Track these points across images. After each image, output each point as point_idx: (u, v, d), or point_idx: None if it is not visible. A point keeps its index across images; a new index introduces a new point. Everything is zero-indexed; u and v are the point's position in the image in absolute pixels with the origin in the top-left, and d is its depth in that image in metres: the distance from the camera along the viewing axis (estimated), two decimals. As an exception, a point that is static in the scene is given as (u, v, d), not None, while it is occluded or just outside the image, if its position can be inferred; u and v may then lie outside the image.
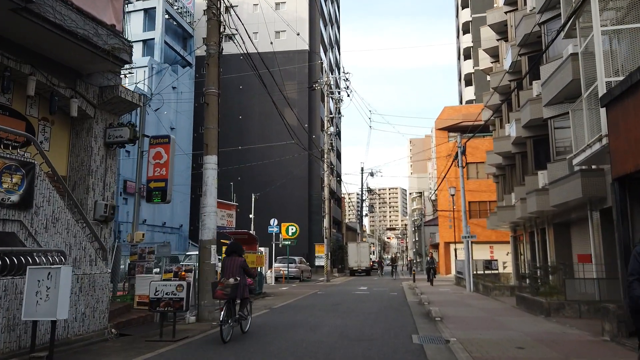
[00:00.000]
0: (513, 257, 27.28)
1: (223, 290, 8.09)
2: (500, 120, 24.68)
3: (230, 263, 8.41)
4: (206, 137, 10.90)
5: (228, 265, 8.39)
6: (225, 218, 19.72)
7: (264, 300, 16.55)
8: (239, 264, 8.42)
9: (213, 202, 10.67)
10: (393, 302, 15.29)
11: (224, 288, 8.10)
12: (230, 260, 8.47)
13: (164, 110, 37.12)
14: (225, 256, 8.80)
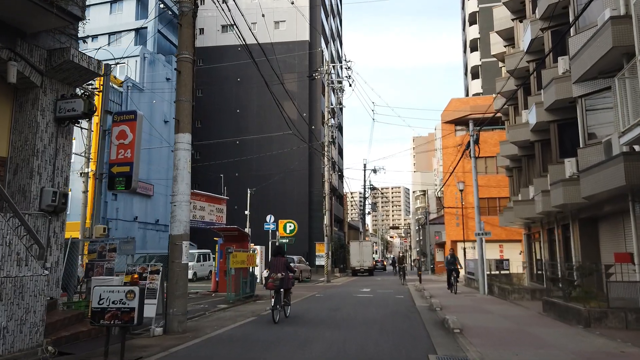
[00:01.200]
0: (527, 257, 25.41)
1: (273, 283, 10.51)
2: (514, 108, 22.77)
3: (277, 262, 10.94)
4: (178, 112, 9.07)
5: (275, 264, 10.91)
6: (214, 213, 17.97)
7: (253, 304, 14.72)
8: (283, 262, 10.93)
9: (185, 190, 8.83)
10: (400, 308, 13.44)
11: (274, 281, 10.52)
12: (276, 259, 11.04)
13: (152, 99, 35.24)
14: (272, 257, 11.42)
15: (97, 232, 9.73)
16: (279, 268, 10.81)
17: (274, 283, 10.54)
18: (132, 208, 33.59)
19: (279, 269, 10.79)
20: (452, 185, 35.33)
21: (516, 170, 22.57)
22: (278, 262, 10.95)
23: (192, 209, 16.63)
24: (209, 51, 46.69)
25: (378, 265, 56.93)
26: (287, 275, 10.80)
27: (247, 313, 12.06)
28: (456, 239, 37.63)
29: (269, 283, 10.60)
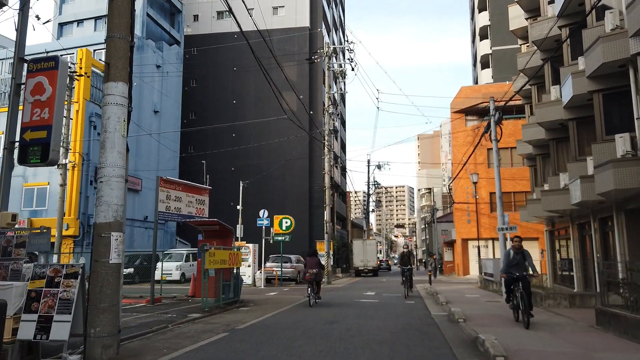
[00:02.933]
0: (549, 256, 22.78)
1: (310, 276, 13.93)
2: (537, 89, 20.14)
3: (312, 260, 14.34)
4: (109, 52, 6.50)
5: (310, 262, 14.33)
6: (194, 205, 15.44)
7: (234, 313, 12.14)
8: (317, 261, 14.34)
9: (117, 161, 6.29)
10: (413, 319, 10.84)
11: (311, 275, 13.92)
12: (311, 259, 14.47)
13: (140, 87, 32.69)
14: (308, 257, 14.82)
15: (4, 220, 7.11)
16: (313, 265, 14.20)
17: (310, 276, 14.00)
18: (117, 203, 31.11)
19: (313, 266, 14.16)
20: (464, 178, 32.69)
21: (540, 158, 19.92)
22: (313, 260, 14.43)
23: (165, 199, 14.13)
24: (203, 39, 44.17)
25: (383, 265, 54.33)
26: (319, 271, 14.27)
27: (219, 327, 9.49)
28: (467, 237, 34.99)
29: (306, 276, 14.18)
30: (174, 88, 38.50)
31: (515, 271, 9.95)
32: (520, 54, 20.36)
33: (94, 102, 29.20)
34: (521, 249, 10.17)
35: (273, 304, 14.34)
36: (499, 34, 46.56)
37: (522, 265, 10.03)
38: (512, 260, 10.10)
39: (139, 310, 12.20)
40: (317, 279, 14.20)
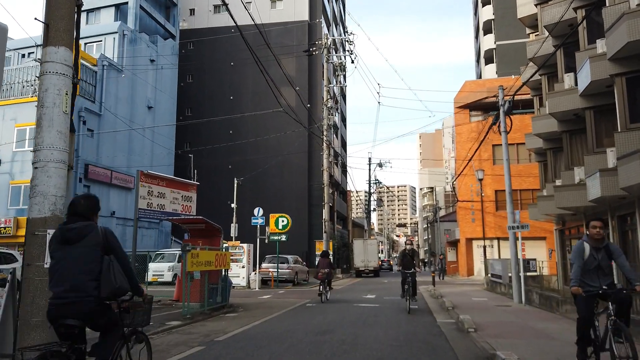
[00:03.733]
0: (559, 256, 21.60)
1: (322, 275, 15.62)
2: (548, 79, 18.96)
3: (323, 261, 16.15)
4: (48, 11, 5.34)
5: (322, 263, 16.10)
6: (179, 202, 14.30)
7: (219, 320, 10.99)
8: (328, 262, 16.21)
9: (56, 142, 5.15)
10: (417, 327, 9.67)
11: (323, 274, 15.62)
12: (323, 259, 16.29)
13: (133, 81, 31.45)
14: (320, 257, 16.85)
15: None
16: (325, 265, 15.83)
17: (322, 275, 15.60)
18: (108, 202, 29.97)
19: (325, 266, 15.78)
20: (469, 175, 31.51)
21: (552, 152, 18.73)
22: (324, 261, 16.12)
23: (146, 195, 12.99)
24: (199, 33, 43.03)
25: (384, 266, 53.22)
26: (330, 270, 16.04)
27: (197, 338, 8.34)
28: (471, 237, 33.82)
29: (318, 275, 15.80)
30: (168, 83, 37.37)
31: (598, 281, 5.37)
32: (530, 41, 19.19)
33: (83, 97, 28.06)
34: (605, 242, 5.53)
35: (264, 309, 13.19)
36: (504, 27, 45.41)
37: (608, 270, 5.53)
38: (589, 261, 5.43)
39: (114, 317, 11.04)
40: (328, 278, 15.86)
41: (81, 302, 3.62)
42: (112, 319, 3.92)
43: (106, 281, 3.71)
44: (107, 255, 3.80)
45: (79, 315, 3.63)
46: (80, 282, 3.64)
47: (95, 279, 3.69)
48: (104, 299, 3.74)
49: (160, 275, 24.29)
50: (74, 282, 3.63)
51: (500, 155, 33.29)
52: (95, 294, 3.67)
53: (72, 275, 3.65)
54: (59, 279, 3.67)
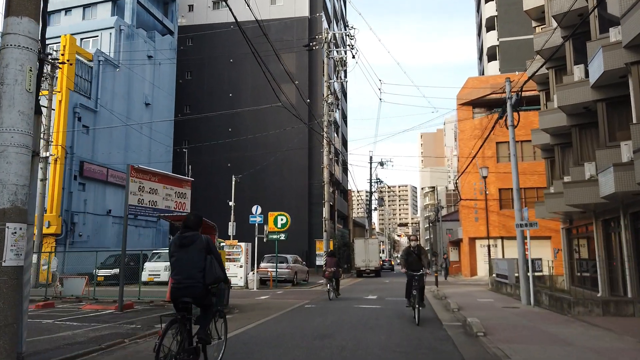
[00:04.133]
0: (566, 256, 20.98)
1: (329, 274, 16.09)
2: (556, 72, 18.34)
3: (331, 260, 16.60)
4: (11, -22, 4.73)
5: (329, 262, 16.61)
6: (172, 198, 13.71)
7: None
8: (335, 261, 16.50)
9: (18, 124, 4.55)
10: (422, 331, 9.06)
11: (330, 273, 16.08)
12: (330, 259, 16.78)
13: (130, 77, 30.77)
14: (327, 257, 17.78)
15: None
16: (332, 264, 16.25)
17: (329, 274, 16.07)
18: (104, 200, 29.40)
19: (332, 265, 16.23)
20: (472, 173, 30.88)
21: (559, 148, 18.11)
22: (332, 260, 16.55)
23: (137, 190, 12.39)
24: (198, 30, 42.46)
25: (385, 266, 52.60)
26: (337, 269, 16.44)
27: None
28: (475, 236, 33.19)
29: (325, 274, 16.40)
30: (166, 80, 36.80)
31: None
32: (537, 34, 18.55)
33: (78, 92, 27.51)
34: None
35: (261, 310, 12.59)
36: (507, 24, 44.79)
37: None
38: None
39: (101, 319, 10.46)
40: (335, 276, 16.35)
41: (193, 287, 5.21)
42: (210, 300, 5.50)
43: (209, 272, 5.28)
44: (208, 255, 5.36)
45: (192, 296, 5.24)
46: (192, 273, 5.22)
47: (201, 271, 5.24)
48: (207, 285, 5.30)
49: (157, 275, 23.72)
50: (188, 273, 5.23)
51: (504, 153, 32.78)
52: (202, 281, 5.24)
53: (187, 268, 5.25)
54: (179, 271, 5.28)
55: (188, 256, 5.32)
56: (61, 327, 9.29)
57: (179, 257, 5.37)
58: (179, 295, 5.28)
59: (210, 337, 5.76)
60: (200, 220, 5.74)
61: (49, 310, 12.29)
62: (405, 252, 10.92)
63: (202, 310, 5.53)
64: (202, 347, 5.51)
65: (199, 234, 5.48)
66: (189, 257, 5.32)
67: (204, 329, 5.48)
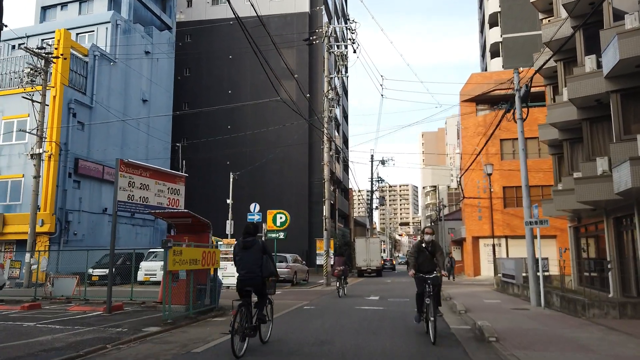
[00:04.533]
0: (574, 255, 20.35)
1: (338, 272, 17.06)
2: (564, 64, 17.69)
3: (339, 259, 17.59)
4: None
5: (337, 261, 17.64)
6: (165, 194, 13.11)
7: (204, 326, 9.77)
8: (343, 260, 17.54)
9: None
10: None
11: (339, 272, 17.04)
12: (338, 258, 17.81)
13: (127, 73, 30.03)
14: (335, 256, 18.92)
15: None
16: (341, 263, 17.20)
17: (338, 272, 17.02)
18: (100, 198, 28.77)
19: (341, 264, 17.14)
20: (475, 171, 30.22)
21: (568, 143, 17.46)
22: (340, 259, 17.51)
23: (127, 186, 11.78)
24: (197, 26, 41.81)
25: (387, 265, 51.95)
26: (345, 268, 17.33)
27: (172, 349, 7.11)
28: (478, 235, 32.53)
29: (335, 272, 17.42)
30: (164, 76, 36.16)
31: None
32: (545, 24, 17.89)
33: (73, 88, 26.88)
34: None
35: (257, 312, 11.95)
36: (510, 20, 44.13)
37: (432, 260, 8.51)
38: None
39: (86, 322, 9.84)
40: (344, 274, 17.26)
41: (254, 279, 6.82)
42: (265, 289, 7.02)
43: (265, 268, 6.90)
44: (264, 255, 6.98)
45: (252, 285, 6.86)
46: (253, 269, 6.83)
47: (259, 267, 6.86)
48: (264, 277, 6.88)
49: (153, 275, 23.13)
50: (250, 269, 6.84)
51: (508, 150, 32.15)
52: (260, 274, 6.84)
53: (248, 265, 6.86)
54: (242, 267, 6.89)
55: (249, 256, 6.96)
56: (42, 331, 8.68)
57: (242, 257, 6.99)
58: (243, 286, 6.94)
59: (266, 318, 7.32)
60: (257, 228, 7.41)
61: (34, 312, 11.68)
62: (415, 248, 8.53)
63: (259, 297, 7.09)
64: (258, 325, 6.99)
65: (256, 239, 7.12)
66: (250, 256, 6.96)
67: (261, 311, 7.08)
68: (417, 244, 8.64)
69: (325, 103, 25.97)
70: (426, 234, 8.63)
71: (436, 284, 8.06)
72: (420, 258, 8.40)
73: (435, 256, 8.38)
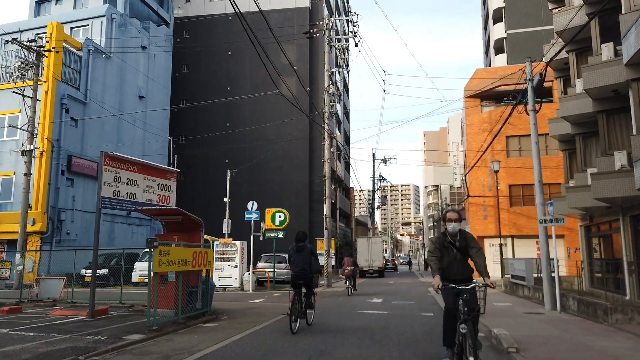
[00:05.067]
0: (585, 255, 19.52)
1: (349, 272, 18.42)
2: (576, 56, 16.84)
3: (348, 260, 19.12)
4: None
5: (346, 262, 19.02)
6: (155, 190, 12.32)
7: (192, 333, 8.95)
8: (353, 260, 19.27)
9: None
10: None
11: (349, 272, 18.44)
12: (347, 258, 19.31)
13: (122, 69, 29.18)
14: (345, 257, 19.89)
15: None
16: (350, 264, 18.77)
17: (348, 272, 18.48)
18: (94, 197, 27.62)
19: (350, 264, 18.72)
20: (480, 168, 29.37)
21: (581, 138, 16.61)
22: (349, 260, 19.18)
23: (112, 181, 10.97)
24: (196, 22, 41.01)
25: (389, 265, 51.17)
26: (354, 268, 19.10)
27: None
28: (484, 235, 31.62)
29: (345, 272, 18.73)
30: (162, 72, 35.34)
31: None
32: (557, 12, 17.02)
33: (66, 83, 26.07)
34: None
35: (252, 317, 11.16)
36: (515, 15, 43.27)
37: None
38: None
39: (65, 328, 9.02)
40: (353, 274, 18.63)
41: (304, 275, 9.09)
42: (312, 283, 9.50)
43: (313, 267, 9.26)
44: (312, 256, 9.34)
45: (303, 280, 9.12)
46: (304, 267, 9.12)
47: (309, 266, 9.19)
48: (312, 273, 9.24)
49: (148, 276, 22.23)
50: (302, 267, 9.12)
51: (514, 147, 31.30)
52: (309, 271, 9.15)
53: (301, 264, 9.14)
54: (296, 265, 9.18)
55: (301, 257, 9.19)
56: (13, 339, 7.87)
57: (296, 258, 9.24)
58: (296, 279, 9.12)
59: (313, 305, 9.57)
60: (306, 235, 9.73)
61: (13, 317, 10.86)
62: (436, 244, 5.81)
63: (307, 289, 9.24)
64: (306, 311, 9.12)
65: (306, 244, 9.35)
66: (302, 258, 9.20)
67: (309, 300, 9.26)
68: (439, 238, 5.89)
69: (325, 98, 25.16)
70: (449, 221, 5.67)
71: (474, 301, 5.25)
72: (445, 259, 5.65)
73: (470, 255, 5.63)
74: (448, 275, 5.58)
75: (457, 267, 5.62)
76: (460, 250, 5.65)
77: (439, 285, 5.40)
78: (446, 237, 5.74)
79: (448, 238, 5.71)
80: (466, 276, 5.58)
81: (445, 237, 5.76)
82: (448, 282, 5.48)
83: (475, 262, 5.56)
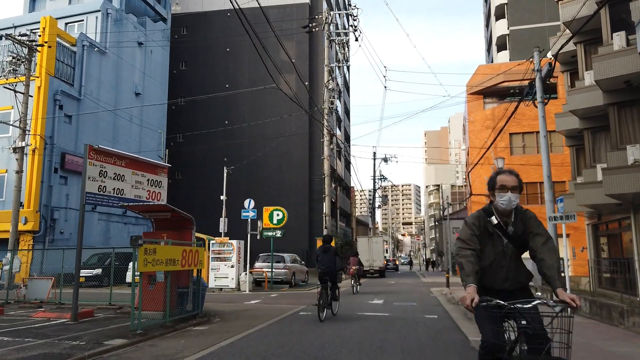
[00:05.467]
0: (593, 254, 18.92)
1: (354, 271, 19.25)
2: (584, 48, 16.25)
3: (354, 260, 19.96)
4: None
5: (352, 261, 19.90)
6: (144, 186, 11.69)
7: (180, 337, 8.35)
8: (358, 260, 20.25)
9: None
10: (446, 352, 6.99)
11: (355, 270, 19.24)
12: (353, 258, 20.25)
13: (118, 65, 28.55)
14: (352, 256, 20.70)
15: None
16: (355, 263, 19.75)
17: (354, 272, 19.29)
18: (89, 195, 27.33)
19: (355, 264, 19.67)
20: (484, 165, 28.74)
21: (590, 132, 16.01)
22: (355, 259, 20.13)
23: (98, 176, 10.35)
24: (193, 18, 40.46)
25: (390, 265, 50.65)
26: (359, 267, 19.97)
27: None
28: (486, 234, 31.08)
29: (350, 271, 19.59)
30: (159, 69, 34.75)
31: None
32: (564, 2, 16.41)
33: (59, 78, 25.49)
34: None
35: (246, 319, 10.55)
36: (517, 12, 42.65)
37: None
38: None
39: (43, 332, 8.42)
40: (358, 274, 19.37)
41: (330, 271, 10.61)
42: (336, 278, 10.95)
43: (338, 265, 10.81)
44: (337, 256, 10.92)
45: (329, 276, 10.59)
46: (329, 265, 10.69)
47: (334, 264, 10.73)
48: (336, 270, 10.78)
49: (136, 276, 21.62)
50: (328, 265, 10.71)
51: (518, 144, 30.69)
52: (334, 268, 10.70)
53: (327, 263, 10.72)
54: (322, 264, 10.70)
55: (327, 257, 10.74)
56: (-17, 344, 7.26)
57: (322, 257, 10.74)
58: (323, 275, 10.47)
59: (338, 297, 11.03)
60: (331, 238, 11.36)
61: (-8, 319, 10.26)
62: (475, 226, 3.34)
63: (332, 284, 10.62)
64: (331, 302, 10.57)
65: (331, 246, 11.08)
66: (327, 257, 10.75)
67: (334, 292, 10.75)
68: (478, 218, 3.39)
69: (325, 94, 24.58)
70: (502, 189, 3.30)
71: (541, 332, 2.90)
72: (487, 254, 3.31)
73: (533, 248, 3.22)
74: (489, 283, 3.27)
75: (507, 268, 3.27)
76: (514, 240, 3.28)
77: (473, 301, 2.92)
78: (492, 218, 3.31)
79: (495, 219, 3.30)
80: (521, 285, 3.30)
81: (489, 217, 3.32)
82: (490, 294, 3.10)
83: (542, 262, 3.12)
